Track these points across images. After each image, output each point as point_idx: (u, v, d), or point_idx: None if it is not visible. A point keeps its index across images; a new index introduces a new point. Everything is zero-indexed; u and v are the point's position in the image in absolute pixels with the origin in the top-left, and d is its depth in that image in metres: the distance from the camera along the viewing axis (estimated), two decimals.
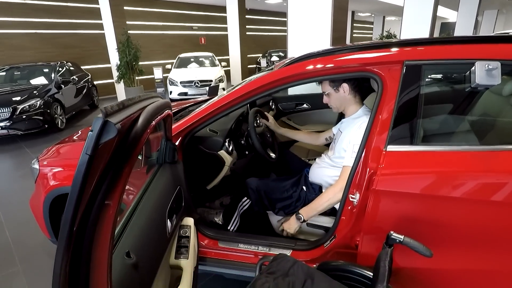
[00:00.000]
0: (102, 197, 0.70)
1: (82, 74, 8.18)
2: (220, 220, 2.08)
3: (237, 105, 1.73)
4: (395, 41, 1.55)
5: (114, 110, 0.73)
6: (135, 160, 0.83)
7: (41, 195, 2.03)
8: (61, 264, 0.63)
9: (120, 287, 0.84)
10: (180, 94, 8.53)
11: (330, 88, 1.80)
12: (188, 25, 13.67)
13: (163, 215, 1.30)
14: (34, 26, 9.11)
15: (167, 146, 1.59)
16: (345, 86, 1.76)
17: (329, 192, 1.70)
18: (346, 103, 1.82)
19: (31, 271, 2.38)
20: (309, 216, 1.75)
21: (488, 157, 1.28)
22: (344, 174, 1.65)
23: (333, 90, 1.79)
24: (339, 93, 1.79)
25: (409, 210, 1.38)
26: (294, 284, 1.31)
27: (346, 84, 1.76)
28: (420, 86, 1.35)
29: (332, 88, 1.79)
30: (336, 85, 1.77)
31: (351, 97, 1.80)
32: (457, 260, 1.39)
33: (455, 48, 1.36)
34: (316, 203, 1.73)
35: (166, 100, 1.31)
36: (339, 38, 5.17)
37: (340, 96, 1.80)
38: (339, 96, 1.80)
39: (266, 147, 2.16)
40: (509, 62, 1.27)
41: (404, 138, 1.37)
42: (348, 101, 1.81)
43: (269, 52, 14.24)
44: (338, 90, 1.78)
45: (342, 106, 1.84)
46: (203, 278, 2.17)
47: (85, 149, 0.64)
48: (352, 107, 1.82)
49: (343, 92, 1.78)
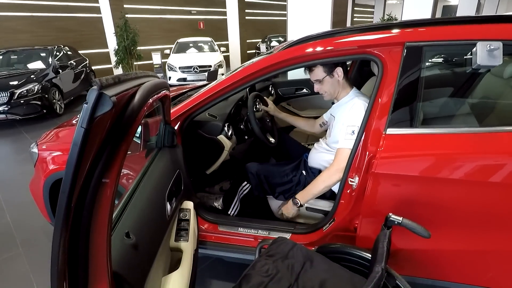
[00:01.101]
0: (99, 175, 0.69)
1: (80, 59, 8.09)
2: (219, 205, 2.09)
3: (236, 89, 1.72)
4: (396, 22, 1.53)
5: (109, 83, 0.71)
6: (133, 137, 0.82)
7: (40, 179, 2.03)
8: (59, 242, 0.63)
9: (120, 267, 0.85)
10: (179, 80, 8.45)
11: (324, 74, 1.76)
12: (186, 9, 13.45)
13: (162, 198, 1.30)
14: (30, 9, 8.95)
15: (166, 129, 1.58)
16: (339, 70, 1.74)
17: (323, 175, 1.69)
18: (340, 88, 1.81)
19: (32, 253, 2.41)
20: (305, 200, 1.75)
21: (487, 138, 1.28)
22: (338, 156, 1.64)
23: (327, 75, 1.76)
24: (334, 78, 1.77)
25: (408, 193, 1.38)
26: (293, 266, 1.32)
27: (340, 68, 1.74)
28: (421, 68, 1.34)
29: (326, 74, 1.76)
30: (330, 70, 1.74)
31: (344, 81, 1.79)
32: (455, 241, 1.41)
33: (457, 29, 1.34)
34: (312, 186, 1.72)
35: (163, 80, 1.29)
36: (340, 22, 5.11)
37: (334, 81, 1.78)
38: (334, 81, 1.78)
39: (265, 132, 2.15)
40: (511, 43, 1.25)
41: (404, 121, 1.36)
42: (342, 85, 1.80)
43: (269, 37, 14.07)
44: (333, 75, 1.76)
45: (336, 91, 1.82)
46: (204, 262, 2.19)
47: (80, 122, 0.63)
48: (344, 91, 1.81)
49: (337, 76, 1.76)
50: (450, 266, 1.48)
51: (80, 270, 0.71)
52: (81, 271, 0.71)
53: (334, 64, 1.73)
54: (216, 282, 2.07)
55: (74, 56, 7.94)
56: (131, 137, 0.81)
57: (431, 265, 1.50)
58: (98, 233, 0.72)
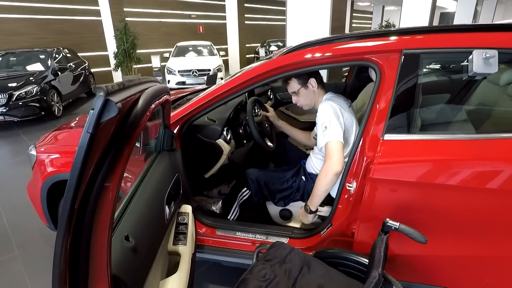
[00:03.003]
0: (102, 178, 0.70)
1: (79, 61, 8.09)
2: (217, 209, 2.09)
3: (235, 93, 1.73)
4: (394, 29, 1.54)
5: (115, 89, 0.73)
6: (135, 142, 0.84)
7: (38, 182, 2.03)
8: (62, 244, 0.64)
9: (119, 270, 0.85)
10: (178, 83, 8.47)
11: (299, 86, 1.82)
12: (186, 13, 13.51)
13: (161, 201, 1.30)
14: (30, 11, 8.97)
15: (165, 133, 1.59)
16: (313, 81, 1.80)
17: (321, 174, 1.65)
18: (316, 97, 1.85)
19: (28, 256, 2.40)
20: (314, 204, 1.71)
21: (483, 145, 1.29)
22: (327, 151, 1.62)
23: (302, 87, 1.82)
24: (309, 89, 1.82)
25: (405, 198, 1.39)
26: (291, 271, 1.33)
27: (313, 78, 1.80)
28: (418, 75, 1.36)
29: (300, 86, 1.82)
30: (304, 82, 1.80)
31: (319, 90, 1.84)
32: (451, 246, 1.42)
33: (453, 37, 1.36)
34: (315, 189, 1.69)
35: (164, 85, 1.30)
36: (338, 27, 5.14)
37: (310, 91, 1.83)
38: (309, 91, 1.83)
39: (264, 136, 2.16)
40: (506, 51, 1.27)
41: (401, 127, 1.37)
42: (317, 94, 1.85)
43: (268, 42, 14.13)
44: (307, 86, 1.81)
45: (313, 101, 1.87)
46: (201, 266, 2.19)
47: (86, 127, 0.64)
48: (321, 98, 1.86)
49: (311, 87, 1.82)
50: (447, 272, 1.49)
51: (81, 273, 0.71)
52: (81, 273, 0.71)
53: (308, 75, 1.79)
54: (213, 286, 2.06)
55: (74, 58, 7.94)
56: (134, 141, 0.82)
57: (428, 271, 1.51)
58: (99, 236, 0.73)
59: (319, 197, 1.69)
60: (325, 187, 1.64)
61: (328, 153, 1.61)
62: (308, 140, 2.32)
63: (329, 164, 1.58)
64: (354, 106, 2.48)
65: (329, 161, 1.59)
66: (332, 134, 1.60)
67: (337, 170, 1.56)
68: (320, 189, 1.65)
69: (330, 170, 1.58)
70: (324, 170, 1.62)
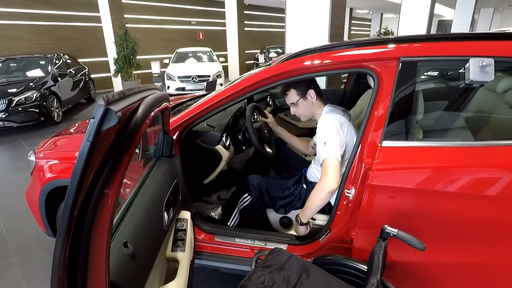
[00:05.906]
0: (102, 185, 0.71)
1: (79, 67, 8.13)
2: (216, 215, 2.09)
3: (235, 100, 1.74)
4: (391, 37, 1.56)
5: (115, 98, 0.74)
6: (134, 149, 0.84)
7: (37, 188, 2.03)
8: (61, 251, 0.64)
9: (117, 277, 0.85)
10: (177, 89, 8.50)
11: (297, 97, 1.83)
12: (186, 19, 13.60)
13: (160, 208, 1.30)
14: (31, 18, 9.02)
15: (165, 139, 1.59)
16: (312, 92, 1.81)
17: (315, 190, 1.64)
18: (315, 108, 1.86)
19: (26, 263, 2.39)
20: (306, 217, 1.70)
21: (481, 152, 1.30)
22: (324, 167, 1.61)
23: (301, 98, 1.82)
24: (308, 100, 1.83)
25: (403, 205, 1.40)
26: (289, 277, 1.32)
27: (312, 90, 1.81)
28: (416, 82, 1.37)
29: (299, 97, 1.82)
30: (303, 93, 1.81)
31: (318, 101, 1.85)
32: (450, 253, 1.42)
33: (450, 45, 1.37)
34: (308, 202, 1.68)
35: (164, 92, 1.31)
36: (337, 34, 5.17)
37: (308, 103, 1.84)
38: (308, 103, 1.84)
39: (263, 142, 2.16)
40: (502, 59, 1.29)
41: (399, 134, 1.38)
42: (316, 105, 1.85)
43: (267, 48, 14.20)
44: (306, 98, 1.82)
45: (311, 112, 1.87)
46: (199, 272, 2.18)
47: (86, 136, 0.66)
48: (319, 110, 1.86)
49: (310, 98, 1.82)
50: (446, 279, 1.49)
51: (79, 279, 0.71)
52: (79, 280, 0.72)
53: (307, 87, 1.80)
54: None
55: (74, 64, 7.98)
56: (133, 149, 0.83)
57: (426, 278, 1.50)
58: (98, 243, 0.73)
59: (311, 211, 1.68)
60: (319, 203, 1.63)
61: (324, 170, 1.60)
62: (306, 148, 2.32)
63: (325, 180, 1.57)
64: (353, 113, 2.50)
65: (325, 177, 1.58)
66: (330, 151, 1.60)
67: (332, 188, 1.55)
68: (314, 204, 1.64)
69: (326, 187, 1.56)
70: (319, 185, 1.61)
